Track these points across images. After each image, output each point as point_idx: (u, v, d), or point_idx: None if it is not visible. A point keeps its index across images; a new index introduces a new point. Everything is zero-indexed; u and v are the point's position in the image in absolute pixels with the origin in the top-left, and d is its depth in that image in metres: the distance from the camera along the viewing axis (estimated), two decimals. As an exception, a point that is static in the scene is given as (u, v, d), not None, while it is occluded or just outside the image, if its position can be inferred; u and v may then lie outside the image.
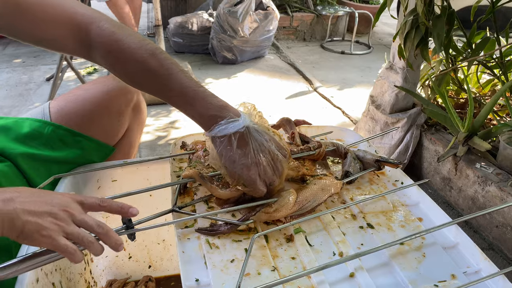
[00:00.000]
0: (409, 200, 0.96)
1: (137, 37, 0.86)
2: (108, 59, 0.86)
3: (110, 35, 0.85)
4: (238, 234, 0.82)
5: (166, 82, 0.84)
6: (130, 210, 0.72)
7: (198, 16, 3.79)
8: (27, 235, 0.62)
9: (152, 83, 0.86)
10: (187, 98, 0.83)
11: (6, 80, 3.19)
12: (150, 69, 0.84)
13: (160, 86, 0.85)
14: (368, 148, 1.15)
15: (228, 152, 0.81)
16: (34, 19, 0.83)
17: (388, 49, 4.11)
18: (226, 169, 0.84)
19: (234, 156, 0.81)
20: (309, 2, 4.57)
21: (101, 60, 0.88)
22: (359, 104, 2.85)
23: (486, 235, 1.68)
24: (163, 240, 1.32)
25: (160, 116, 2.69)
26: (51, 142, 1.02)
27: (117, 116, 1.12)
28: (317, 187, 0.89)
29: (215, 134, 0.82)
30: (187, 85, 0.84)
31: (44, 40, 0.86)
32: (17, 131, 1.00)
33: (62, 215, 0.64)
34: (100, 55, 0.86)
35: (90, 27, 0.85)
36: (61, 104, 1.08)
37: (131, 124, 1.17)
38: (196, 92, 0.83)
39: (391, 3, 1.75)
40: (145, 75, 0.85)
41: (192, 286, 0.71)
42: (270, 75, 3.52)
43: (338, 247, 0.80)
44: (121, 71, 0.88)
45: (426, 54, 1.77)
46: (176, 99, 0.85)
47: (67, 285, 0.96)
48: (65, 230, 0.64)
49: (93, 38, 0.85)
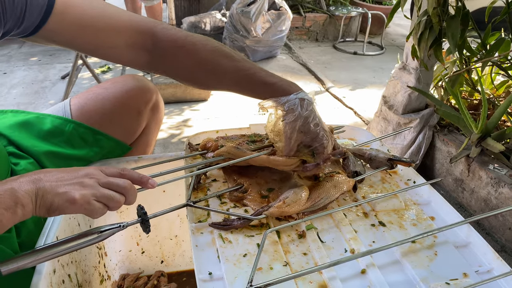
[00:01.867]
0: (421, 199, 0.96)
1: (199, 36, 0.95)
2: (180, 55, 0.92)
3: (178, 32, 0.93)
4: (251, 229, 0.83)
5: (242, 62, 0.93)
6: (149, 181, 0.76)
7: (211, 16, 3.81)
8: (57, 206, 0.67)
9: (231, 67, 0.93)
10: (265, 71, 0.93)
11: (22, 78, 3.25)
12: (226, 54, 0.93)
13: (239, 67, 0.93)
14: (381, 147, 1.15)
15: (314, 117, 0.88)
16: (92, 32, 0.87)
17: (400, 50, 4.09)
18: (293, 130, 0.87)
19: (309, 115, 0.87)
20: (322, 3, 4.56)
21: (170, 59, 0.92)
22: (371, 105, 2.85)
23: (498, 237, 1.67)
24: (176, 235, 1.34)
25: (172, 115, 2.72)
26: (72, 140, 1.04)
27: (136, 115, 1.14)
28: (329, 184, 0.89)
29: (303, 96, 0.89)
30: (258, 65, 0.95)
31: (103, 51, 0.91)
32: (39, 127, 1.02)
33: (88, 181, 0.69)
34: (170, 53, 0.92)
35: (155, 30, 0.91)
36: (82, 102, 1.10)
37: (149, 123, 1.19)
38: (265, 69, 0.95)
39: (404, 4, 1.74)
40: (221, 60, 0.93)
41: (205, 279, 0.72)
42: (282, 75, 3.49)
43: (349, 244, 0.81)
44: (196, 62, 0.93)
45: (440, 54, 1.76)
46: (257, 75, 0.92)
47: (82, 277, 0.98)
48: (95, 194, 0.69)
49: (160, 38, 0.91)
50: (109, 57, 0.94)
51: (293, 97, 0.88)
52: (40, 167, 0.98)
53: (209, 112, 2.77)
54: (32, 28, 0.81)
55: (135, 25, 0.90)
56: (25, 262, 0.67)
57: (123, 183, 0.72)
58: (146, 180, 0.76)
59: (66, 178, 0.69)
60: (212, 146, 1.00)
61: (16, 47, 3.82)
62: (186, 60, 0.93)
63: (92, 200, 0.68)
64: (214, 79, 0.95)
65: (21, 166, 0.95)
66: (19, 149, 0.99)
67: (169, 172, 0.90)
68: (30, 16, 0.80)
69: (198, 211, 0.88)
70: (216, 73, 0.94)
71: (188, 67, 0.94)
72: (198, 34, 0.95)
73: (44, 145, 1.00)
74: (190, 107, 2.84)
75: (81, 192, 0.68)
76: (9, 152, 0.97)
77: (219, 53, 0.93)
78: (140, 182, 0.76)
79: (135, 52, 0.91)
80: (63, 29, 0.84)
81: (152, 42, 0.91)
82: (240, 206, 0.90)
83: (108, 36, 0.88)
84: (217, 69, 0.93)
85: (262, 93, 0.93)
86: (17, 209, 0.64)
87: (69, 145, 1.04)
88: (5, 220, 0.63)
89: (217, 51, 0.93)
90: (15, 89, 3.06)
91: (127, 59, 0.94)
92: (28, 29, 0.82)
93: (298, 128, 0.87)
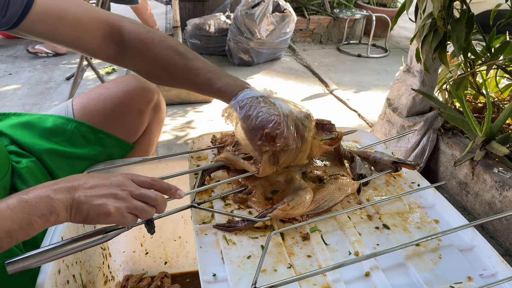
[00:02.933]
0: (425, 202, 0.96)
1: (161, 32, 0.98)
2: (140, 48, 0.95)
3: (142, 27, 0.97)
4: (255, 231, 0.83)
5: (194, 62, 0.94)
6: (178, 192, 0.78)
7: (216, 18, 3.82)
8: (93, 218, 0.70)
9: (181, 65, 0.95)
10: (214, 73, 0.94)
11: (27, 79, 3.26)
12: (179, 52, 0.94)
13: (189, 67, 0.94)
14: (385, 150, 1.15)
15: (255, 109, 0.86)
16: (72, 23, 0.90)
17: (405, 53, 4.09)
18: (250, 132, 0.86)
19: (248, 113, 0.86)
20: (326, 5, 4.57)
21: (132, 52, 0.95)
22: (375, 107, 2.85)
23: (503, 240, 1.66)
24: (179, 237, 1.34)
25: (176, 116, 2.72)
26: (74, 139, 1.04)
27: (137, 114, 1.14)
28: (334, 186, 0.89)
29: (242, 98, 0.87)
30: (212, 65, 0.96)
31: (82, 42, 0.94)
32: (41, 126, 1.03)
33: (121, 194, 0.71)
34: (132, 46, 0.94)
35: (123, 23, 0.96)
36: (84, 101, 1.11)
37: (150, 122, 1.20)
38: (221, 70, 0.96)
39: (409, 6, 1.74)
40: (175, 58, 0.95)
41: (209, 281, 0.73)
42: (286, 77, 3.53)
43: (353, 247, 0.81)
44: (152, 57, 0.95)
45: (444, 57, 1.76)
46: (204, 76, 0.94)
47: (87, 278, 0.98)
48: (128, 206, 0.71)
49: (126, 31, 0.94)
50: (85, 49, 0.97)
51: (231, 103, 0.89)
52: (42, 166, 0.99)
53: (213, 114, 2.77)
54: (15, 18, 0.83)
55: (107, 18, 0.94)
56: (30, 262, 0.67)
57: (155, 196, 0.74)
58: (175, 191, 0.78)
59: (100, 189, 0.71)
60: (228, 141, 1.01)
61: (21, 48, 3.84)
62: (144, 54, 0.95)
63: (126, 213, 0.71)
64: (168, 75, 0.97)
65: (23, 164, 0.95)
66: (21, 147, 0.99)
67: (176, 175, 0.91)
68: (14, 5, 0.82)
69: (203, 212, 0.88)
70: (169, 70, 0.96)
71: (146, 62, 0.97)
72: (160, 32, 0.99)
73: (46, 144, 1.01)
74: (194, 108, 2.85)
75: (116, 205, 0.70)
76: (11, 151, 0.98)
77: (173, 50, 0.94)
78: (169, 193, 0.78)
79: (106, 44, 0.95)
80: (45, 20, 0.87)
81: (120, 35, 0.95)
82: (244, 207, 0.90)
83: (86, 28, 0.92)
84: (169, 65, 0.95)
85: (210, 95, 0.95)
86: (51, 217, 0.66)
87: (71, 144, 1.04)
88: (38, 226, 0.65)
89: (171, 48, 0.95)
90: (20, 89, 3.08)
91: (100, 51, 0.97)
92: (11, 20, 0.83)
93: (250, 127, 0.86)
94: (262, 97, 0.87)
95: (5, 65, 3.50)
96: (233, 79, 0.93)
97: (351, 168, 1.02)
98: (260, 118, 0.84)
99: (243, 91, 0.89)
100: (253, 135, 0.86)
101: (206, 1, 4.40)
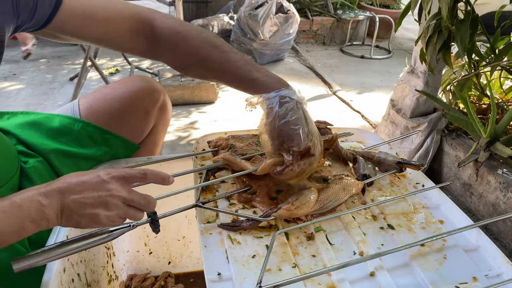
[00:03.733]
0: (430, 203, 0.96)
1: (195, 26, 0.98)
2: (176, 41, 0.95)
3: (175, 20, 0.97)
4: (259, 230, 0.83)
5: (231, 54, 0.94)
6: (169, 179, 0.79)
7: (219, 19, 3.83)
8: (85, 225, 0.71)
9: (217, 56, 0.94)
10: (252, 65, 0.94)
11: (31, 79, 3.27)
12: (216, 44, 0.94)
13: (226, 58, 0.94)
14: (389, 150, 1.15)
15: (294, 114, 0.86)
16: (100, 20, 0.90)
17: (408, 54, 4.08)
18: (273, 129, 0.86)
19: (287, 113, 0.85)
20: (329, 6, 4.57)
21: (166, 45, 0.95)
22: (379, 108, 2.84)
23: (507, 242, 1.66)
24: (183, 237, 1.34)
25: (180, 117, 2.73)
26: (80, 139, 1.05)
27: (143, 115, 1.14)
28: (338, 187, 0.89)
29: (285, 95, 0.88)
30: (249, 58, 0.97)
31: (111, 38, 0.94)
32: (48, 127, 1.03)
33: (112, 201, 0.71)
34: (166, 40, 0.95)
35: (154, 17, 0.95)
36: (90, 102, 1.11)
37: (156, 123, 1.20)
38: (256, 63, 0.96)
39: (415, 7, 1.74)
40: (210, 50, 0.94)
41: (214, 280, 0.73)
42: (289, 78, 3.53)
43: (358, 247, 0.81)
44: (186, 48, 0.95)
45: (448, 58, 1.76)
46: (242, 67, 0.93)
47: (91, 277, 0.98)
48: (118, 214, 0.72)
49: (158, 25, 0.94)
50: (114, 45, 0.97)
51: (273, 95, 0.87)
52: (48, 166, 0.99)
53: (216, 114, 2.78)
54: (43, 20, 0.83)
55: (136, 13, 0.94)
56: (36, 260, 0.68)
57: (144, 202, 0.75)
58: (167, 178, 0.79)
59: (91, 196, 0.70)
60: (223, 144, 1.01)
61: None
62: (180, 47, 0.95)
63: (117, 218, 0.72)
64: (204, 68, 0.97)
65: (30, 164, 0.96)
66: (28, 147, 1.00)
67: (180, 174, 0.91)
68: (42, 7, 0.82)
69: (207, 212, 0.88)
70: (206, 62, 0.96)
71: (182, 54, 0.96)
72: (193, 25, 0.98)
73: (53, 144, 1.01)
74: (197, 109, 2.85)
75: (106, 213, 0.71)
76: (19, 151, 0.98)
77: (210, 43, 0.94)
78: (162, 181, 0.78)
79: (136, 39, 0.95)
80: (72, 19, 0.86)
81: (151, 29, 0.94)
82: (249, 207, 0.90)
83: (114, 24, 0.92)
84: (206, 58, 0.95)
85: (246, 87, 0.94)
86: (42, 223, 0.67)
87: (78, 144, 1.04)
88: (29, 230, 0.66)
89: (208, 41, 0.95)
90: (25, 90, 3.09)
91: (130, 46, 0.97)
92: (39, 22, 0.83)
93: (277, 127, 0.85)
94: (300, 104, 0.88)
95: (10, 66, 3.51)
96: (272, 74, 0.93)
97: (354, 169, 1.02)
98: (297, 128, 0.85)
99: (287, 88, 0.89)
100: (279, 136, 0.86)
101: (209, 2, 4.41)
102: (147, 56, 1.00)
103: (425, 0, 1.71)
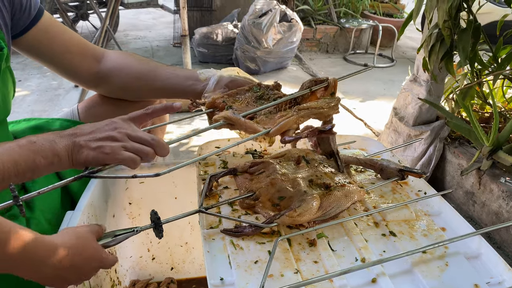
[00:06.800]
0: (432, 210, 0.96)
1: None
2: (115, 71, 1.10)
3: (122, 53, 1.17)
4: (262, 236, 0.84)
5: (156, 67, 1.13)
6: (173, 105, 0.88)
7: (223, 27, 3.86)
8: (93, 159, 0.77)
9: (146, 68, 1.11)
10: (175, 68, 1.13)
11: (37, 86, 3.30)
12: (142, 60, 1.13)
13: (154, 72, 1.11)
14: (392, 158, 1.15)
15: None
16: (65, 48, 1.05)
17: (411, 63, 4.09)
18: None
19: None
20: (333, 15, 4.60)
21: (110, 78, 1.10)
22: (382, 116, 2.85)
23: (510, 251, 1.65)
24: (186, 242, 1.35)
25: (182, 124, 2.74)
26: None
27: None
28: (340, 193, 0.90)
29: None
30: (171, 66, 1.16)
31: (71, 68, 1.08)
32: (48, 130, 1.06)
33: (118, 136, 0.79)
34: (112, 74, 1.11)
35: (107, 53, 1.12)
36: (88, 105, 1.16)
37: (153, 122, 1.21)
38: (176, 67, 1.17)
39: (417, 16, 1.76)
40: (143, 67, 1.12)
41: (217, 285, 0.73)
42: (292, 86, 3.53)
43: (360, 253, 0.81)
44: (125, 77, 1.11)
45: (451, 67, 1.76)
46: (165, 74, 1.11)
47: (94, 282, 0.99)
48: (125, 146, 0.79)
49: (107, 60, 1.10)
50: (67, 71, 1.10)
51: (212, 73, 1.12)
52: None
53: (219, 122, 2.79)
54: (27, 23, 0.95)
55: (92, 48, 1.11)
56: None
57: (149, 138, 0.80)
58: (171, 106, 0.89)
59: (99, 133, 0.79)
60: (220, 106, 1.01)
61: (31, 55, 3.90)
62: (120, 74, 1.10)
63: (122, 151, 0.77)
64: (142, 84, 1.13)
65: None
66: None
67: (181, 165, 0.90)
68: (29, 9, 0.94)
69: (210, 217, 0.89)
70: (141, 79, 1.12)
71: (121, 82, 1.12)
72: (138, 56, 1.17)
73: None
74: (200, 116, 2.86)
75: (111, 145, 0.77)
76: None
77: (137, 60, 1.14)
78: (166, 111, 0.90)
79: (91, 72, 1.09)
80: (45, 35, 0.99)
81: (100, 65, 1.10)
82: (252, 213, 0.90)
83: (74, 56, 1.06)
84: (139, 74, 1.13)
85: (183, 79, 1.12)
86: (54, 159, 0.75)
87: None
88: (42, 166, 0.74)
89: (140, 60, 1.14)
90: (30, 96, 3.12)
91: (84, 77, 1.11)
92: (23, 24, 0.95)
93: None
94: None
95: (15, 72, 3.52)
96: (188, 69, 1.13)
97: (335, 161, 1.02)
98: None
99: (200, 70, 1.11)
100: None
101: (214, 11, 4.45)
102: (91, 87, 1.15)
103: (427, 9, 1.72)
